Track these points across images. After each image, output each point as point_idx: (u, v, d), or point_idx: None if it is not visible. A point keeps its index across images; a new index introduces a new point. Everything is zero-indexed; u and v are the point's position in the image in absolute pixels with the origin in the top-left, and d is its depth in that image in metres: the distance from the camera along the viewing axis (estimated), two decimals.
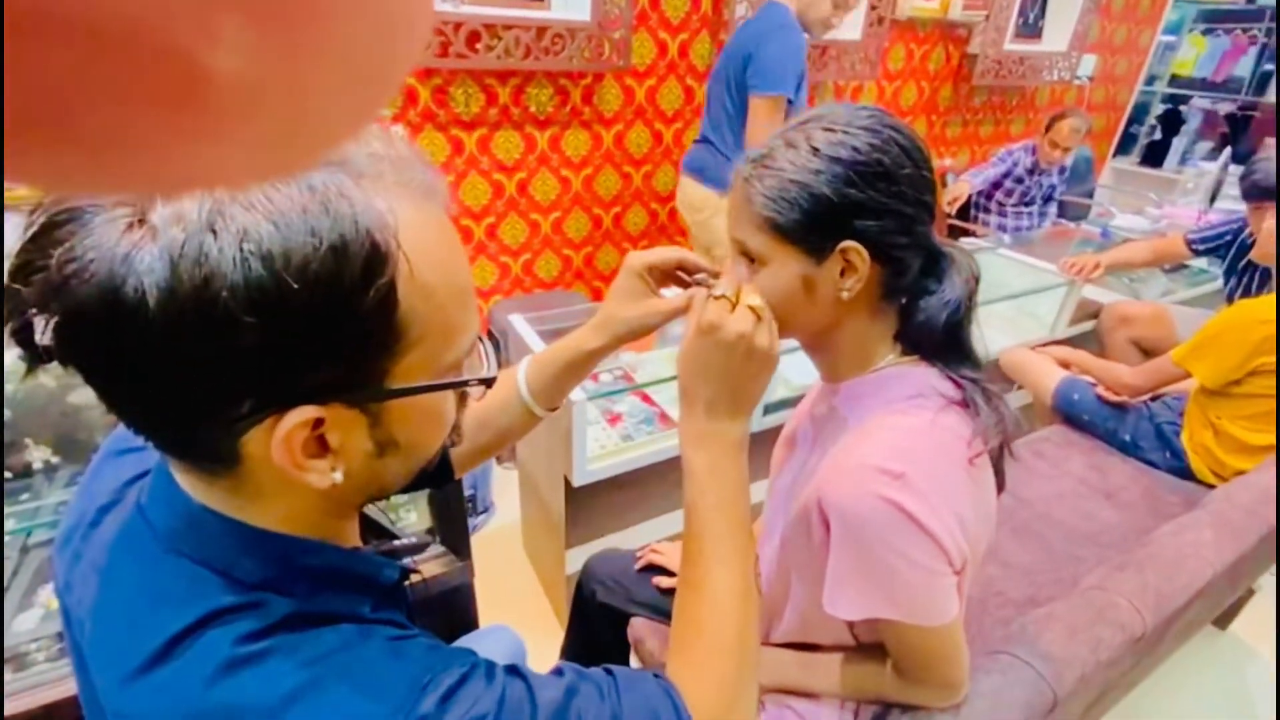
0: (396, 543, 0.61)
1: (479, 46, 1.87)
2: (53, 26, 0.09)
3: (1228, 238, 1.89)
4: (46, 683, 0.86)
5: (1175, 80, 4.47)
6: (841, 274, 0.59)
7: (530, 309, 1.49)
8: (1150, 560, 0.94)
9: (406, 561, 0.48)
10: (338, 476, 0.37)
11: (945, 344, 0.63)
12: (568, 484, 1.23)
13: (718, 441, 0.56)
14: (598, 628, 1.07)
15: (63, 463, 1.05)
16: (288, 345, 0.32)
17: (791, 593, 0.73)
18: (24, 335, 0.32)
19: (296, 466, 0.35)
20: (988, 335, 0.66)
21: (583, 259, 2.49)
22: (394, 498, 0.96)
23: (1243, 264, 1.85)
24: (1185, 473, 1.48)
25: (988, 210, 2.87)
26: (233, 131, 0.11)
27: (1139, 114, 4.33)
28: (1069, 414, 1.64)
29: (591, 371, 0.68)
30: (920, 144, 0.60)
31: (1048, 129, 2.58)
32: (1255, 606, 1.58)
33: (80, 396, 1.02)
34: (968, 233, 2.82)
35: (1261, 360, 1.33)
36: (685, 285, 0.67)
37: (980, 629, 1.07)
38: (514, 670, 0.41)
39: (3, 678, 0.85)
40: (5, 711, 0.82)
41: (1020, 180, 2.74)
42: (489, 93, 2.03)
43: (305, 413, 0.34)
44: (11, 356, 0.34)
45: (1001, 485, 0.66)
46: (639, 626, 1.00)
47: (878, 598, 0.59)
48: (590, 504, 1.31)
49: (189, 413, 0.34)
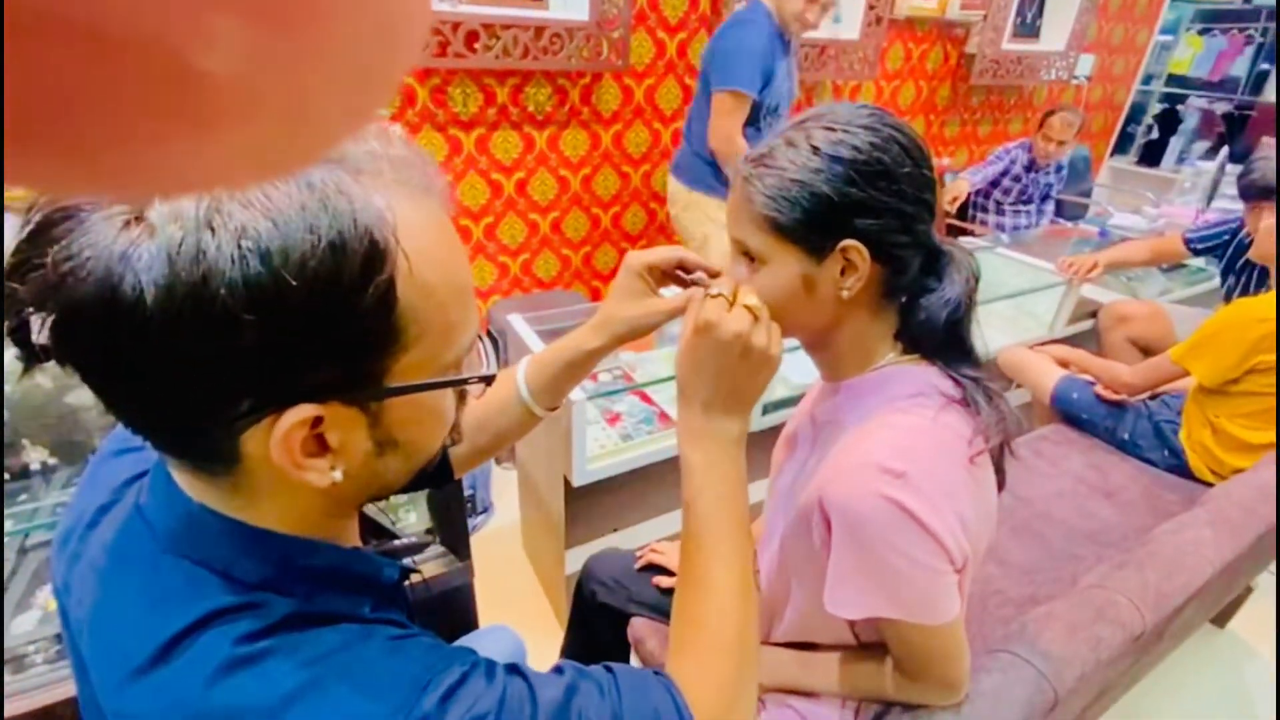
0: (396, 543, 0.61)
1: (477, 46, 1.87)
2: (49, 29, 0.09)
3: (1225, 237, 1.89)
4: (44, 685, 0.85)
5: (1172, 80, 4.48)
6: (842, 273, 0.59)
7: (529, 309, 1.49)
8: (1150, 559, 0.94)
9: (406, 561, 0.48)
10: (337, 476, 0.37)
11: (945, 342, 0.63)
12: (567, 484, 1.23)
13: (715, 439, 0.56)
14: (598, 628, 1.07)
15: (60, 464, 1.04)
16: (286, 343, 0.31)
17: (792, 592, 0.73)
18: (21, 334, 0.32)
19: (296, 466, 0.35)
20: (986, 334, 0.66)
21: (581, 259, 2.49)
22: (394, 498, 0.96)
23: (1240, 263, 1.85)
24: (1184, 471, 1.48)
25: (986, 209, 2.88)
26: (230, 132, 0.11)
27: (1136, 113, 4.35)
28: (1068, 413, 1.65)
29: (591, 371, 0.68)
30: (920, 143, 0.60)
31: (1040, 125, 2.64)
32: (1253, 604, 1.58)
33: (77, 397, 1.02)
34: (966, 232, 2.82)
35: (1260, 358, 1.33)
36: (685, 285, 0.67)
37: (980, 627, 1.07)
38: (514, 669, 0.41)
39: (2, 679, 0.85)
40: (4, 713, 0.82)
41: (1018, 179, 2.76)
42: (487, 92, 2.03)
43: (304, 411, 0.33)
44: (8, 357, 0.34)
45: (1002, 484, 0.66)
46: (639, 626, 1.00)
47: (879, 597, 0.59)
48: (590, 504, 1.30)
49: (187, 412, 0.34)
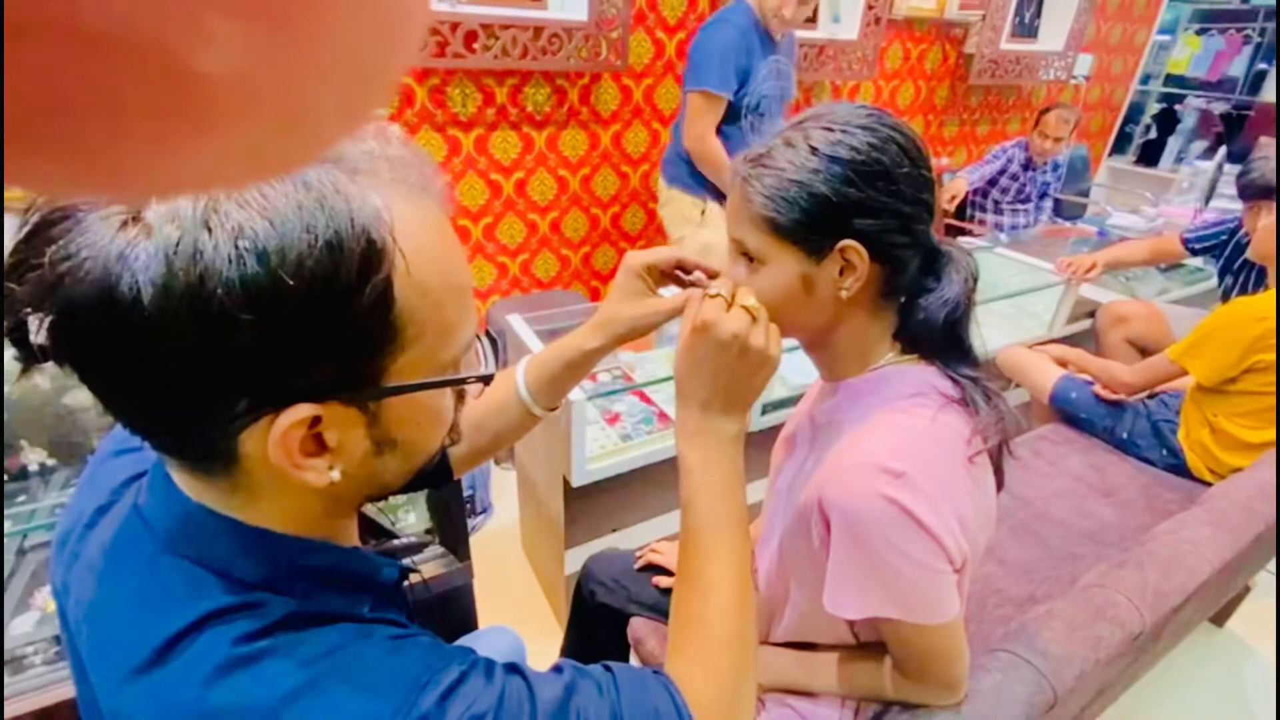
0: (395, 542, 0.61)
1: (476, 46, 1.87)
2: (48, 30, 0.09)
3: (1223, 236, 1.90)
4: (43, 686, 0.85)
5: (1170, 79, 4.49)
6: (841, 273, 0.60)
7: (528, 309, 1.49)
8: (1149, 558, 0.94)
9: (406, 561, 0.48)
10: (335, 475, 0.37)
11: (944, 342, 0.63)
12: (566, 484, 1.23)
13: (713, 439, 0.56)
14: (597, 628, 1.07)
15: (58, 465, 1.04)
16: (284, 343, 0.32)
17: (791, 592, 0.73)
18: (18, 335, 0.32)
19: (294, 465, 0.35)
20: (985, 334, 0.66)
21: (580, 259, 2.49)
22: (393, 498, 0.96)
23: (1238, 263, 1.86)
24: (1182, 470, 1.49)
25: (984, 209, 2.88)
26: (228, 133, 0.11)
27: (1134, 113, 4.36)
28: (1066, 412, 1.65)
29: (591, 371, 0.68)
30: (919, 143, 0.60)
31: (1036, 123, 2.66)
32: (1252, 603, 1.58)
33: (76, 398, 1.02)
34: (965, 232, 2.83)
35: (1257, 357, 1.33)
36: (684, 285, 0.67)
37: (979, 627, 1.07)
38: (513, 668, 0.41)
39: (2, 680, 0.85)
40: (4, 715, 0.82)
41: (1015, 177, 2.77)
42: (486, 93, 2.03)
43: (302, 411, 0.33)
44: (6, 357, 0.34)
45: (1001, 483, 0.66)
46: (639, 627, 1.00)
47: (879, 596, 0.59)
48: (589, 504, 1.30)
49: (185, 411, 0.34)
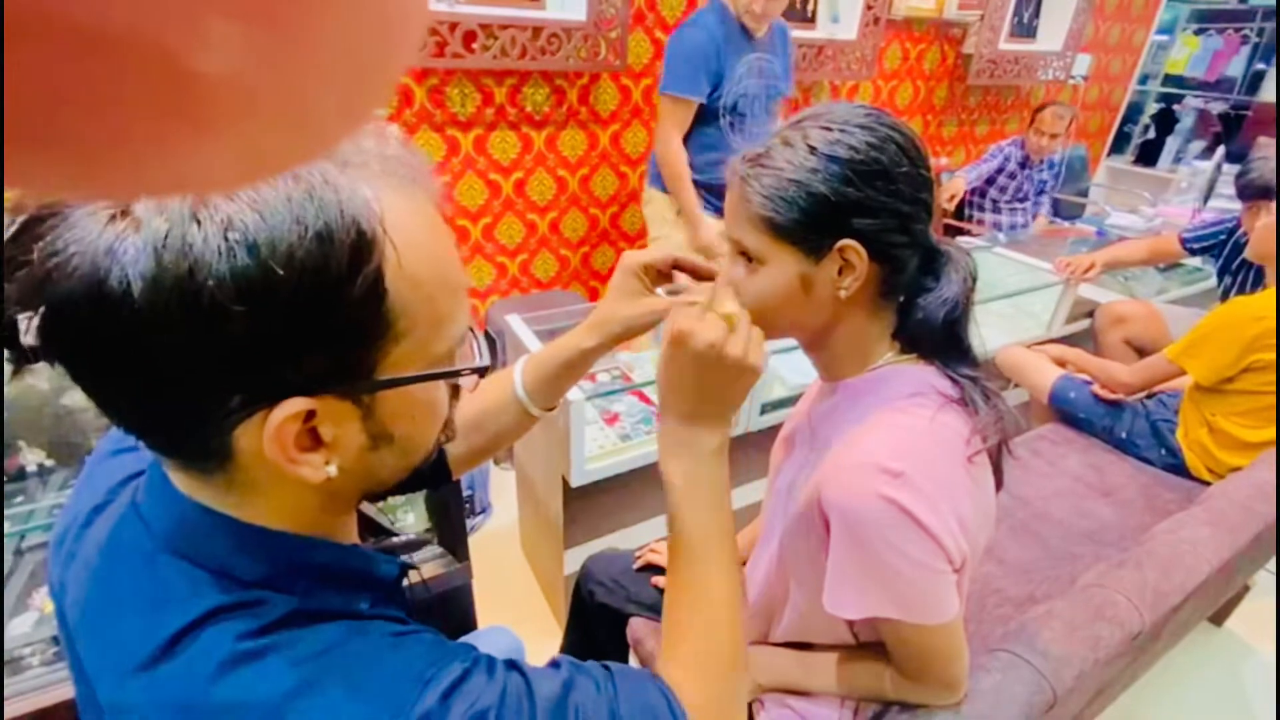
0: (394, 540, 0.61)
1: (475, 46, 1.87)
2: (48, 30, 0.09)
3: (1222, 236, 1.90)
4: (40, 687, 0.85)
5: (1169, 79, 4.49)
6: (839, 273, 0.59)
7: (527, 309, 1.49)
8: (1148, 557, 0.94)
9: (404, 559, 0.48)
10: (332, 470, 0.37)
11: (943, 342, 0.63)
12: (566, 484, 1.23)
13: (693, 451, 0.55)
14: (596, 628, 1.07)
15: (56, 465, 1.04)
16: (275, 334, 0.32)
17: (791, 592, 0.73)
18: (9, 335, 0.32)
19: (290, 460, 0.35)
20: (984, 334, 0.66)
21: (579, 259, 2.49)
22: (391, 499, 0.95)
23: (1237, 262, 1.86)
24: (1181, 470, 1.49)
25: (982, 208, 2.89)
26: (227, 133, 0.11)
27: (1133, 113, 4.36)
28: (1065, 412, 1.65)
29: (588, 371, 0.68)
30: (917, 142, 0.60)
31: (1032, 121, 2.67)
32: (1251, 602, 1.59)
33: (73, 399, 1.02)
34: (964, 231, 2.83)
35: (1255, 357, 1.34)
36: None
37: (978, 627, 1.07)
38: (512, 665, 0.41)
39: (2, 681, 0.84)
40: (4, 715, 0.82)
41: (1013, 176, 2.77)
42: (485, 93, 2.03)
43: (296, 404, 0.33)
44: (4, 358, 0.34)
45: (1000, 483, 0.66)
46: (638, 627, 1.00)
47: (878, 597, 0.59)
48: (588, 504, 1.30)
49: (179, 407, 0.33)
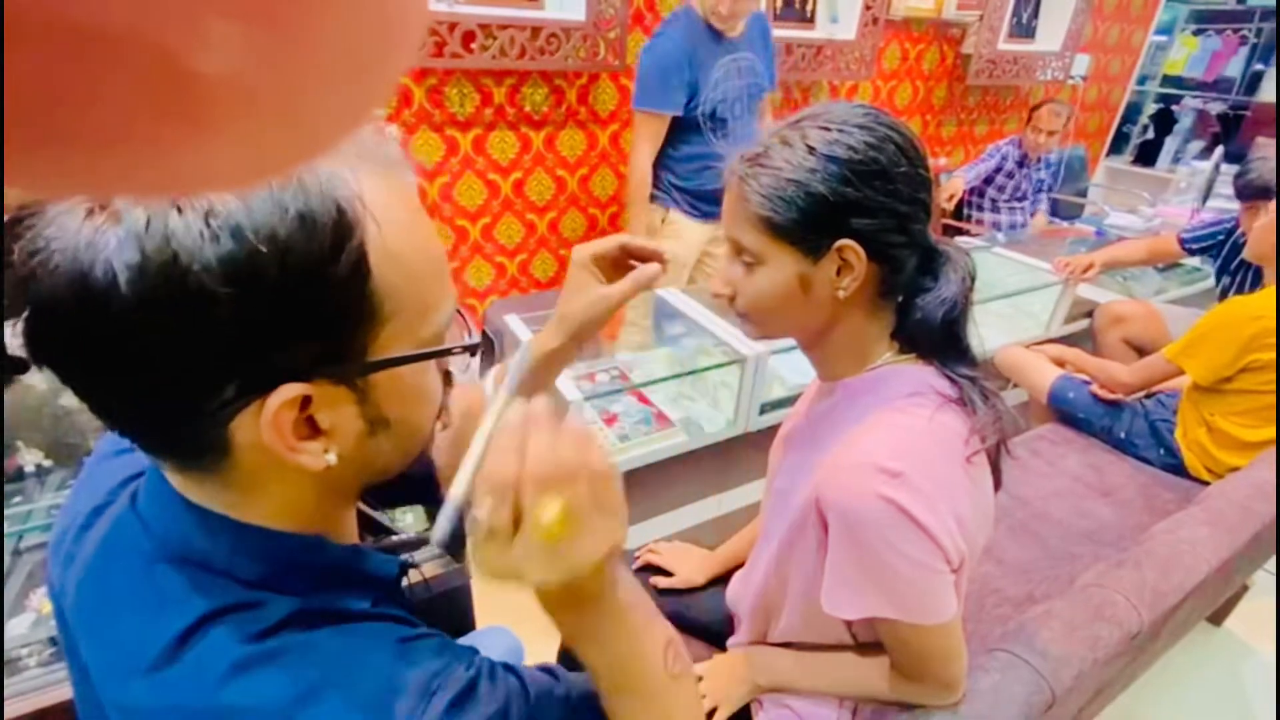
0: (394, 538, 0.60)
1: (474, 46, 1.87)
2: (48, 30, 0.09)
3: (1220, 236, 1.90)
4: (38, 688, 0.85)
5: (1167, 80, 4.50)
6: (838, 273, 0.59)
7: (526, 309, 1.49)
8: (1146, 557, 0.94)
9: (406, 558, 0.48)
10: (331, 458, 0.36)
11: (942, 342, 0.63)
12: None
13: (574, 604, 0.42)
14: None
15: (54, 466, 1.04)
16: (264, 318, 0.31)
17: (789, 592, 0.73)
18: None
19: (289, 448, 0.35)
20: (983, 334, 0.66)
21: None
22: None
23: (1235, 262, 1.86)
24: (1180, 470, 1.49)
25: (981, 208, 2.89)
26: (228, 133, 0.11)
27: (1132, 113, 4.36)
28: (1064, 412, 1.65)
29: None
30: (916, 142, 0.60)
31: (1029, 120, 2.68)
32: (1250, 602, 1.59)
33: (72, 399, 1.00)
34: (963, 231, 2.83)
35: (1254, 356, 1.34)
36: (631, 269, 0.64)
37: (977, 627, 1.07)
38: (509, 669, 0.42)
39: (2, 681, 0.84)
40: (3, 715, 0.81)
41: (1011, 175, 2.78)
42: (484, 92, 2.03)
43: (291, 390, 0.33)
44: None
45: (998, 483, 0.66)
46: None
47: (876, 597, 0.59)
48: None
49: (173, 402, 0.33)
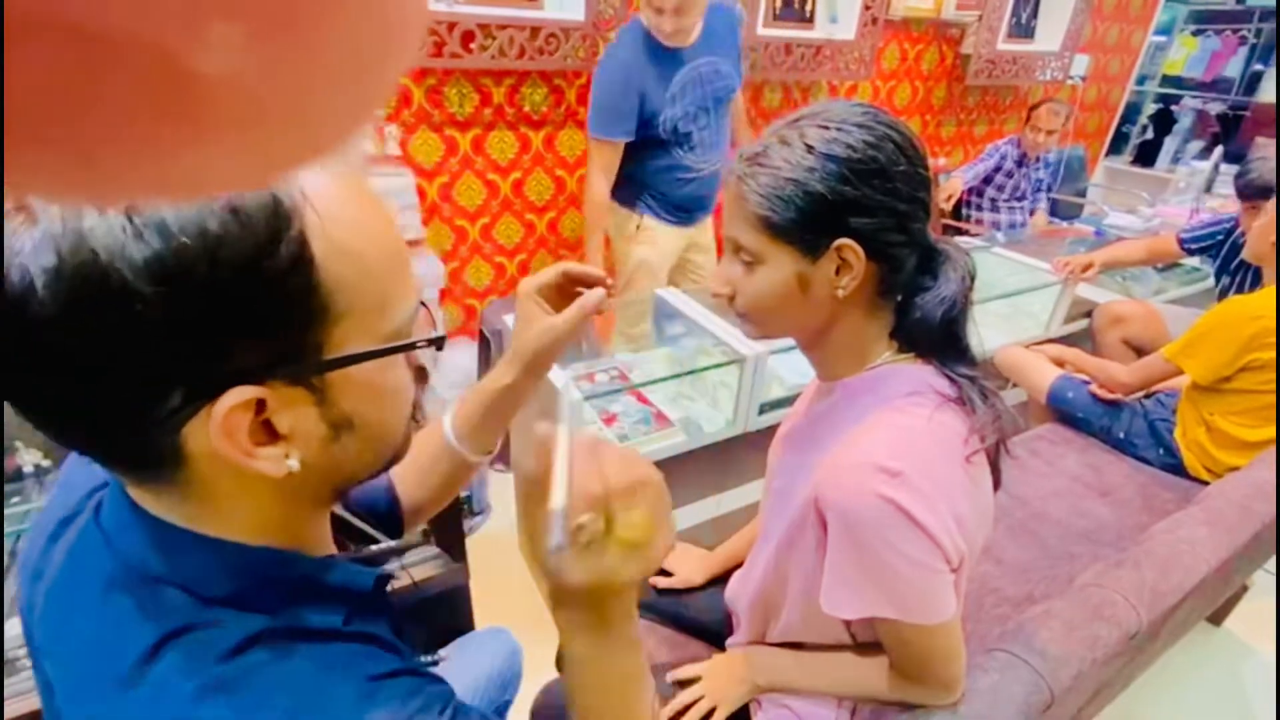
0: (374, 548, 0.58)
1: (473, 46, 1.87)
2: (48, 31, 0.09)
3: (1219, 236, 1.90)
4: (35, 689, 0.85)
5: (1166, 80, 4.50)
6: (837, 272, 0.59)
7: None
8: (1146, 557, 0.94)
9: (389, 566, 0.46)
10: (293, 464, 0.35)
11: (941, 341, 0.63)
12: None
13: (600, 631, 0.44)
14: None
15: (53, 466, 1.04)
16: (201, 318, 0.30)
17: (789, 592, 0.73)
18: None
19: (245, 455, 0.33)
20: (982, 334, 0.66)
21: (578, 260, 2.48)
22: None
23: (1235, 263, 1.86)
24: (1179, 469, 1.49)
25: (980, 207, 2.89)
26: (228, 135, 0.11)
27: (1131, 114, 4.36)
28: (1063, 412, 1.65)
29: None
30: (915, 141, 0.60)
31: (1028, 119, 2.68)
32: (1249, 602, 1.59)
33: None
34: (962, 231, 2.83)
35: (1253, 356, 1.34)
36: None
37: (976, 626, 1.07)
38: (484, 717, 0.41)
39: (2, 681, 0.84)
40: (3, 715, 0.81)
41: (1010, 174, 2.78)
42: (483, 92, 2.03)
43: (241, 393, 0.32)
44: None
45: (998, 483, 0.66)
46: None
47: (876, 596, 0.59)
48: None
49: (114, 412, 0.32)
